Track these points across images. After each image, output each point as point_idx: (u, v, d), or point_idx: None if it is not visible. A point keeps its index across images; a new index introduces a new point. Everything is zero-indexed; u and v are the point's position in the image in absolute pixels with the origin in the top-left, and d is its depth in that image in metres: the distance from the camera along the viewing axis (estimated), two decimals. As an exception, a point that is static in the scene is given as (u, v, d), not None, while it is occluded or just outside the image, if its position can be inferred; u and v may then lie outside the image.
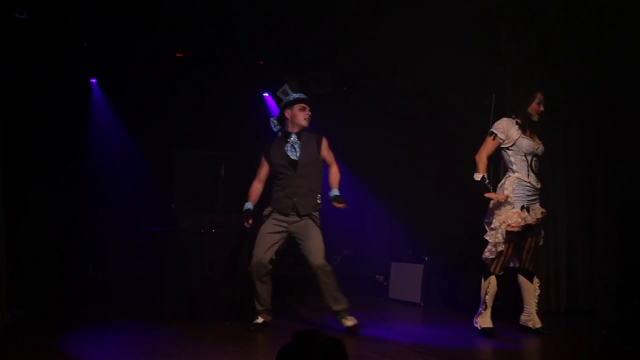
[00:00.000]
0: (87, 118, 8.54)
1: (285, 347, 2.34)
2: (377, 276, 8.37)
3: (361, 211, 8.88)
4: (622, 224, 6.65)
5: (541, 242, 6.07)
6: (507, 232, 5.69)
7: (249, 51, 8.46)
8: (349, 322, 5.83)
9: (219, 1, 7.49)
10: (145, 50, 8.10)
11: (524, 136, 5.78)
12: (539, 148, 5.85)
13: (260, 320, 5.95)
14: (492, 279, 5.76)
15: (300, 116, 5.95)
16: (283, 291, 7.50)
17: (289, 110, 5.98)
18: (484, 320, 5.80)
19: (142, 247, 7.24)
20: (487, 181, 5.80)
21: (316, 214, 5.92)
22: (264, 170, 6.11)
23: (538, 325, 5.93)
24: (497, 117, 6.98)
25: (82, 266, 7.99)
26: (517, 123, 5.82)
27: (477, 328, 5.82)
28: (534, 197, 5.82)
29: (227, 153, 7.23)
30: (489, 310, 5.80)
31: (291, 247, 6.00)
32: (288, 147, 5.91)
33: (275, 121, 6.11)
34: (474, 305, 7.11)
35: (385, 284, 8.01)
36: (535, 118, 5.86)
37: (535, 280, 5.96)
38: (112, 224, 8.36)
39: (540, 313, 6.04)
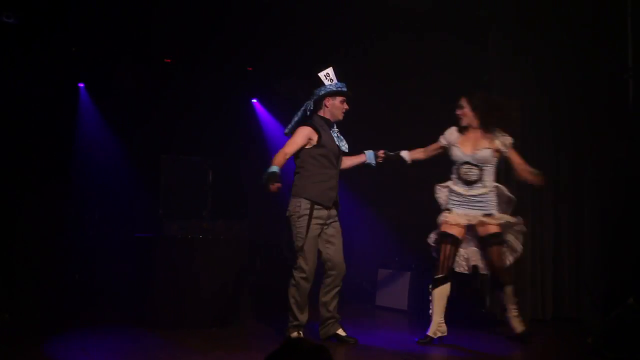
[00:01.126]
0: (75, 122, 8.53)
1: (271, 353, 2.35)
2: (364, 283, 8.38)
3: (348, 218, 8.88)
4: (607, 232, 6.67)
5: (515, 255, 5.94)
6: (440, 233, 5.78)
7: (237, 57, 8.47)
8: (343, 332, 5.73)
9: (207, 7, 7.49)
10: (133, 55, 8.11)
11: (457, 144, 5.82)
12: (478, 154, 5.77)
13: (301, 334, 5.55)
14: (434, 282, 5.72)
15: (340, 110, 5.70)
16: (272, 297, 7.50)
17: (330, 99, 5.68)
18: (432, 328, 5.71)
19: (130, 253, 7.22)
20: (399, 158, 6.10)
21: None
22: (300, 145, 5.61)
23: (519, 330, 5.83)
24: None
25: (68, 271, 7.95)
26: (457, 130, 5.90)
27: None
28: (463, 202, 5.79)
29: (215, 159, 7.23)
30: (436, 318, 5.70)
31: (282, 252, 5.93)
32: (335, 136, 5.70)
33: (311, 105, 5.70)
34: (461, 312, 7.16)
35: (372, 291, 8.02)
36: (464, 123, 5.86)
37: (509, 288, 5.79)
38: (100, 229, 8.34)
39: (526, 320, 6.05)
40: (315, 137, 5.59)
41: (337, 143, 5.70)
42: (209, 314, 6.40)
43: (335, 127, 5.76)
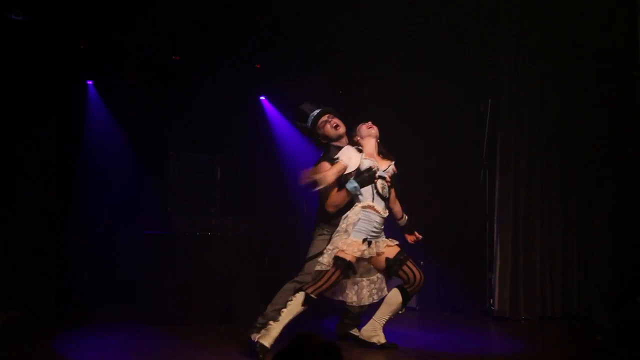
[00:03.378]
0: (83, 120, 8.53)
1: (280, 351, 2.34)
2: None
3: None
4: (617, 229, 6.65)
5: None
6: (336, 257, 5.00)
7: (245, 54, 8.47)
8: (358, 331, 5.63)
9: (215, 4, 7.49)
10: (142, 52, 8.11)
11: (367, 158, 5.24)
12: (388, 169, 5.32)
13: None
14: (300, 296, 4.95)
15: (328, 129, 5.50)
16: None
17: (317, 131, 5.54)
18: (266, 335, 4.91)
19: (137, 250, 7.23)
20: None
21: None
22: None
23: (383, 340, 5.35)
24: (494, 123, 7.04)
25: (77, 269, 7.97)
26: (357, 149, 5.27)
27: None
28: (377, 230, 5.19)
29: (223, 156, 7.23)
30: (278, 328, 4.91)
31: (290, 248, 5.85)
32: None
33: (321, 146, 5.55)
34: (469, 309, 7.16)
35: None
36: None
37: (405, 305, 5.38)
38: (108, 226, 8.35)
39: (536, 318, 6.02)
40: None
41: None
42: (218, 310, 6.42)
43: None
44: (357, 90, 8.92)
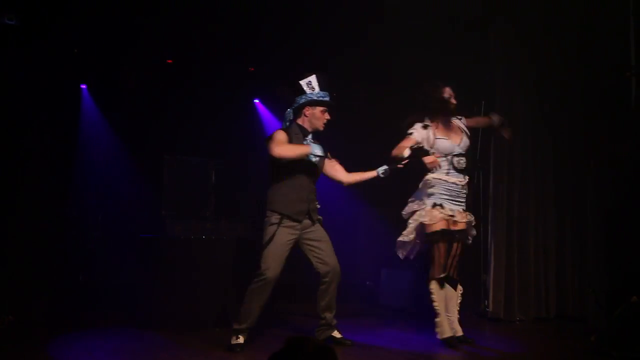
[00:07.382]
0: (77, 124, 8.53)
1: (275, 354, 2.35)
2: (368, 283, 8.38)
3: (351, 218, 8.89)
4: (611, 230, 6.67)
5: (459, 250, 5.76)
6: (436, 232, 5.57)
7: (239, 58, 8.48)
8: (339, 334, 5.69)
9: (209, 8, 7.50)
10: (136, 56, 8.11)
11: (440, 137, 5.65)
12: (462, 143, 5.72)
13: (241, 340, 5.43)
14: (434, 284, 5.64)
15: (321, 120, 5.49)
16: (275, 296, 7.50)
17: (310, 108, 5.49)
18: (441, 330, 5.62)
19: (132, 253, 7.22)
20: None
21: None
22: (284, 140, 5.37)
23: (460, 333, 5.71)
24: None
25: (72, 273, 7.96)
26: (424, 127, 5.69)
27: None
28: (453, 196, 5.66)
29: (218, 159, 7.23)
30: (442, 318, 5.62)
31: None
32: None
33: (291, 113, 5.54)
34: (463, 310, 7.16)
35: (376, 290, 8.02)
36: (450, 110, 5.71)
37: (459, 287, 5.78)
38: (103, 230, 8.34)
39: (530, 319, 6.03)
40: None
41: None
42: (212, 314, 6.40)
43: (311, 136, 5.53)
44: (351, 92, 8.93)
